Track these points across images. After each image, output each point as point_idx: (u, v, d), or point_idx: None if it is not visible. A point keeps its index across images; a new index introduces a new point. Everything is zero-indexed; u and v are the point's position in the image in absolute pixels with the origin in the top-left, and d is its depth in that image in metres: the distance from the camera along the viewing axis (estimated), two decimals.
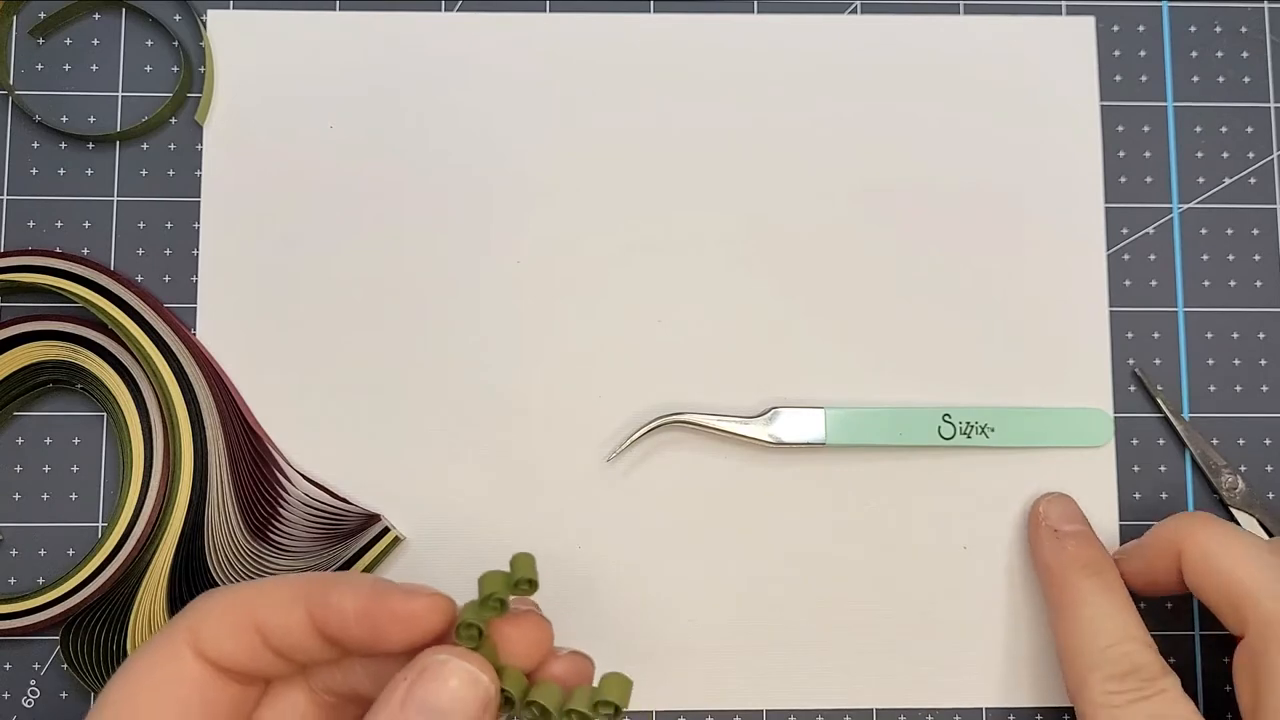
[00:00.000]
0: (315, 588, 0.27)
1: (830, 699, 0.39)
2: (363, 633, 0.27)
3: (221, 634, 0.27)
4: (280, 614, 0.27)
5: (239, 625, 0.27)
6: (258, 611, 0.27)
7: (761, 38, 0.41)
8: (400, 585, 0.27)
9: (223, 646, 0.27)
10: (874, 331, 0.40)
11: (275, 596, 0.27)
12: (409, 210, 0.40)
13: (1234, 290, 0.41)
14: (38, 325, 0.39)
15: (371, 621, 0.26)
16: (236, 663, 0.27)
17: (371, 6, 0.41)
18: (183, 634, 0.27)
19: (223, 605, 0.28)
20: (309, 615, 0.27)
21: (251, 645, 0.27)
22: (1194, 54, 0.42)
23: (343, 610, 0.27)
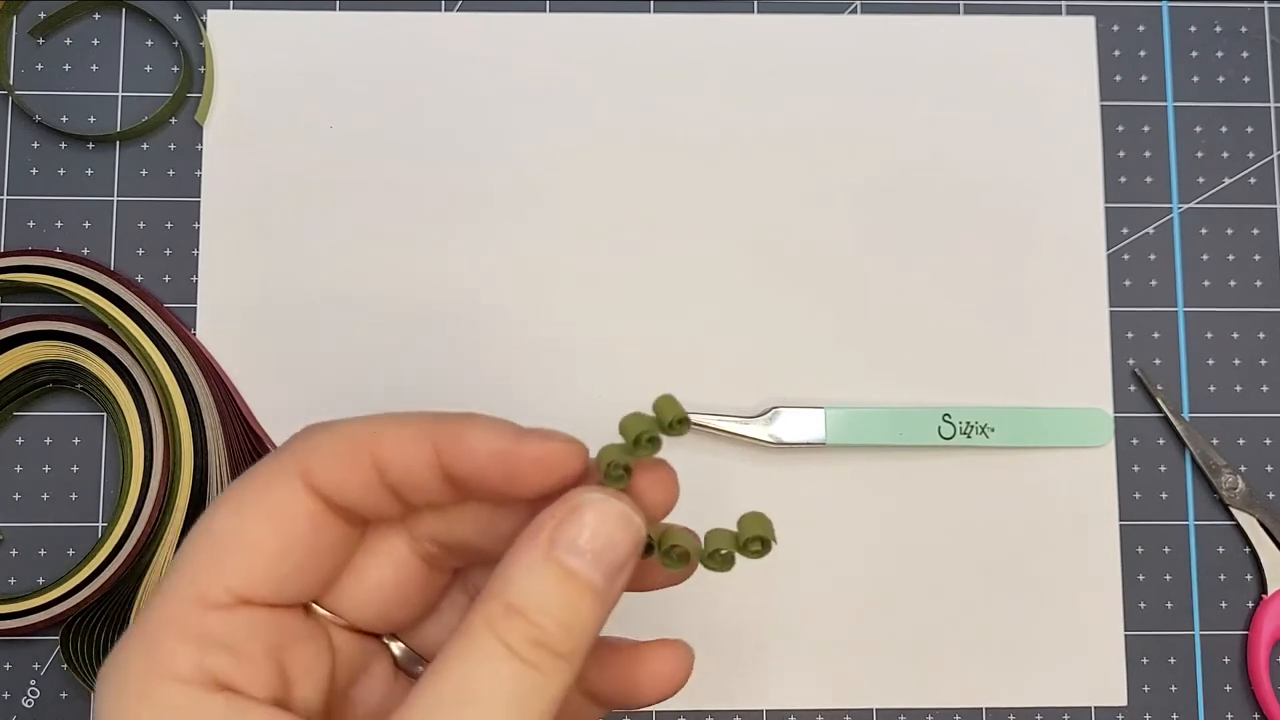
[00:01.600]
0: (445, 426, 0.25)
1: (830, 699, 0.39)
2: (497, 475, 0.25)
3: (336, 466, 0.25)
4: (403, 450, 0.25)
5: (356, 459, 0.25)
6: (378, 446, 0.25)
7: (761, 38, 0.41)
8: (534, 429, 0.25)
9: (337, 479, 0.25)
10: (874, 331, 0.40)
11: (398, 432, 0.25)
12: (409, 210, 0.40)
13: (1234, 290, 0.41)
14: (38, 325, 0.39)
15: (508, 463, 0.25)
16: (349, 498, 0.25)
17: (371, 6, 0.41)
18: (293, 463, 0.25)
19: (338, 437, 0.25)
20: (436, 454, 0.25)
21: (367, 480, 0.25)
22: (1194, 54, 0.42)
23: (476, 450, 0.25)
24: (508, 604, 0.23)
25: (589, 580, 0.23)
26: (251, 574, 0.24)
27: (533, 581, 0.23)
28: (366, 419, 0.26)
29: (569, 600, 0.23)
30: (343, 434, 0.25)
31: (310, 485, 0.25)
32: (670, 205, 0.41)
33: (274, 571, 0.24)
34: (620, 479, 0.25)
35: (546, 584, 0.23)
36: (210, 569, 0.24)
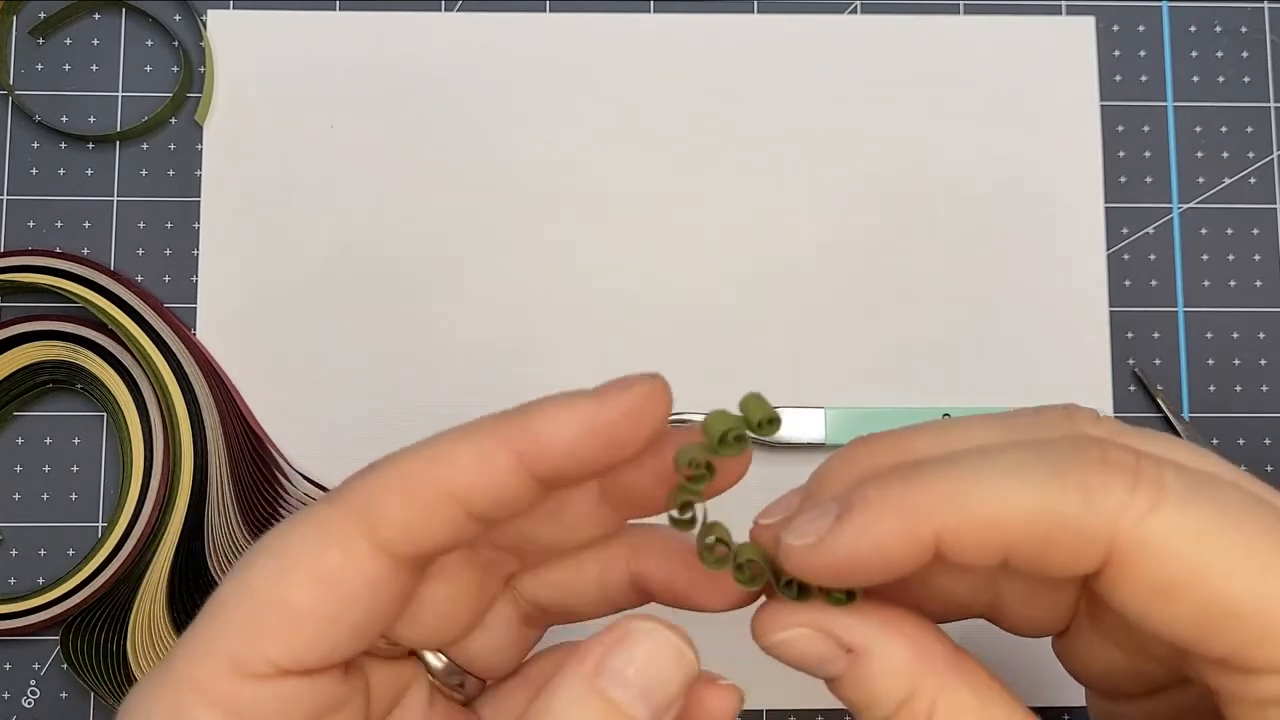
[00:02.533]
0: (514, 428, 0.22)
1: (830, 699, 0.39)
2: (593, 450, 0.22)
3: (409, 515, 0.22)
4: (483, 472, 0.22)
5: (434, 501, 0.22)
6: (455, 475, 0.22)
7: (761, 38, 0.41)
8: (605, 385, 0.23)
9: (411, 529, 0.22)
10: (874, 331, 0.40)
11: (468, 454, 0.22)
12: (409, 210, 0.40)
13: (1234, 290, 0.41)
14: (38, 325, 0.39)
15: (603, 432, 0.22)
16: (424, 544, 0.22)
17: (371, 6, 0.41)
18: (354, 517, 0.22)
19: (405, 482, 0.22)
20: (519, 459, 0.22)
21: (452, 519, 0.22)
22: (1194, 54, 0.42)
23: (562, 435, 0.22)
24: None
25: (635, 717, 0.22)
26: (296, 643, 0.21)
27: (575, 715, 0.21)
28: (431, 446, 0.23)
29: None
30: (412, 472, 0.22)
31: (376, 541, 0.22)
32: (669, 205, 0.41)
33: (322, 639, 0.22)
34: (702, 479, 0.23)
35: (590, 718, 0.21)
36: (248, 634, 0.21)
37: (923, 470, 0.22)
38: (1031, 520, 0.21)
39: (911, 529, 0.21)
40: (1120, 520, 0.20)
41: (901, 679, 0.22)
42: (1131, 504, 0.20)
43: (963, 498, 0.21)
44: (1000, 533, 0.21)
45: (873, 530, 0.21)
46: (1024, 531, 0.21)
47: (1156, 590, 0.20)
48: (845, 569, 0.22)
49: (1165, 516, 0.20)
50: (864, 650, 0.22)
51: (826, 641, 0.23)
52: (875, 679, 0.22)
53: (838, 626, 0.23)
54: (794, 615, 0.23)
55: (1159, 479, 0.21)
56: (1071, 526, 0.20)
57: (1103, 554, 0.21)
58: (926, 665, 0.22)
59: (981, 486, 0.21)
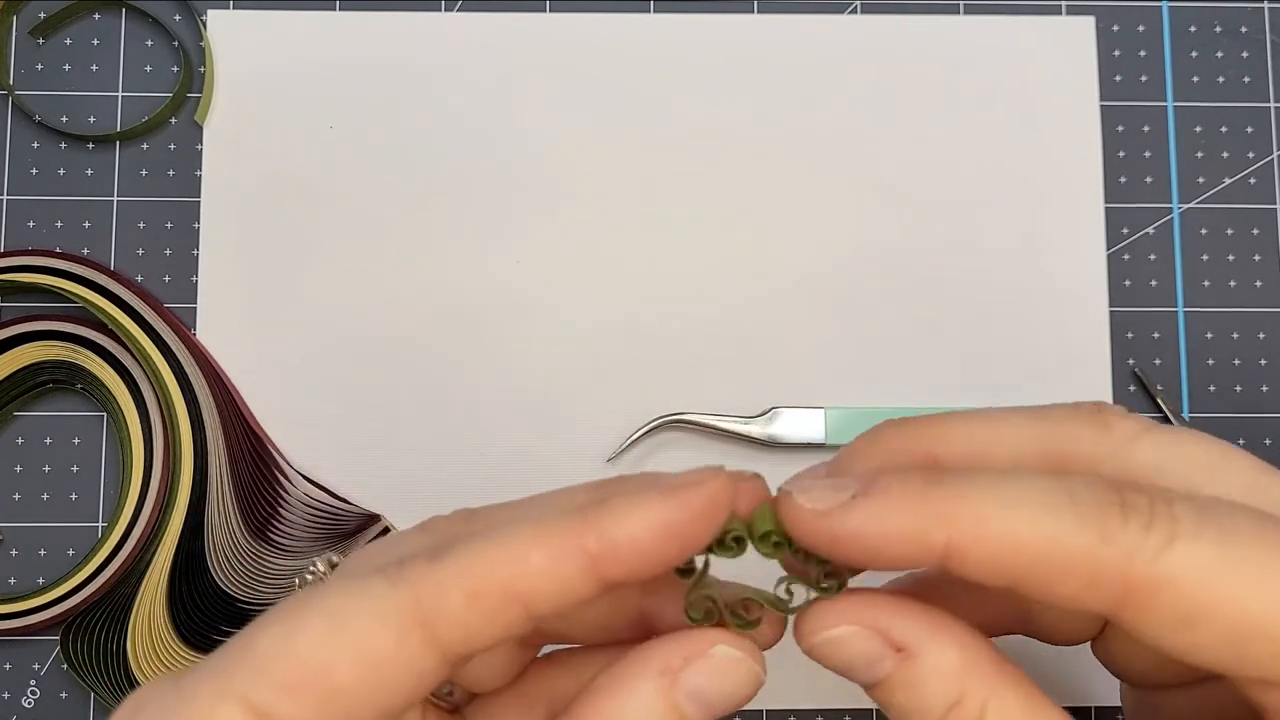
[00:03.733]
0: (586, 530, 0.21)
1: (830, 699, 0.39)
2: (663, 554, 0.22)
3: (474, 620, 0.21)
4: (554, 577, 0.21)
5: (500, 605, 0.21)
6: (523, 583, 0.21)
7: (761, 38, 0.41)
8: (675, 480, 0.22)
9: (472, 632, 0.21)
10: (874, 331, 0.40)
11: (541, 559, 0.21)
12: (409, 210, 0.40)
13: (1234, 290, 0.41)
14: (38, 325, 0.39)
15: (676, 536, 0.22)
16: (484, 643, 0.22)
17: (371, 6, 0.41)
18: (413, 614, 0.21)
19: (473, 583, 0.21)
20: (590, 563, 0.21)
21: (513, 622, 0.21)
22: (1194, 54, 0.42)
23: (636, 541, 0.21)
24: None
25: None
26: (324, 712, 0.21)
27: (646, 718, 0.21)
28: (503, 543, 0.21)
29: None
30: (482, 574, 0.21)
31: (431, 637, 0.21)
32: (669, 205, 0.41)
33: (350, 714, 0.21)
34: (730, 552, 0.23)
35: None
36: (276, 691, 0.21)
37: (946, 479, 0.22)
38: (1046, 550, 0.21)
39: (923, 531, 0.21)
40: (1135, 558, 0.20)
41: (952, 681, 0.22)
42: (1146, 543, 0.20)
43: (982, 515, 0.21)
44: (1012, 557, 0.21)
45: (885, 519, 0.21)
46: (1036, 560, 0.21)
47: (1180, 622, 0.21)
48: (845, 544, 0.22)
49: (1180, 551, 0.20)
50: (915, 650, 0.22)
51: (876, 640, 0.22)
52: (925, 681, 0.22)
53: (891, 625, 0.22)
54: (845, 613, 0.23)
55: (1171, 514, 0.21)
56: (1086, 561, 0.21)
57: (1117, 592, 0.21)
58: (976, 668, 0.22)
59: (1001, 508, 0.21)
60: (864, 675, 0.23)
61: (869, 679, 0.23)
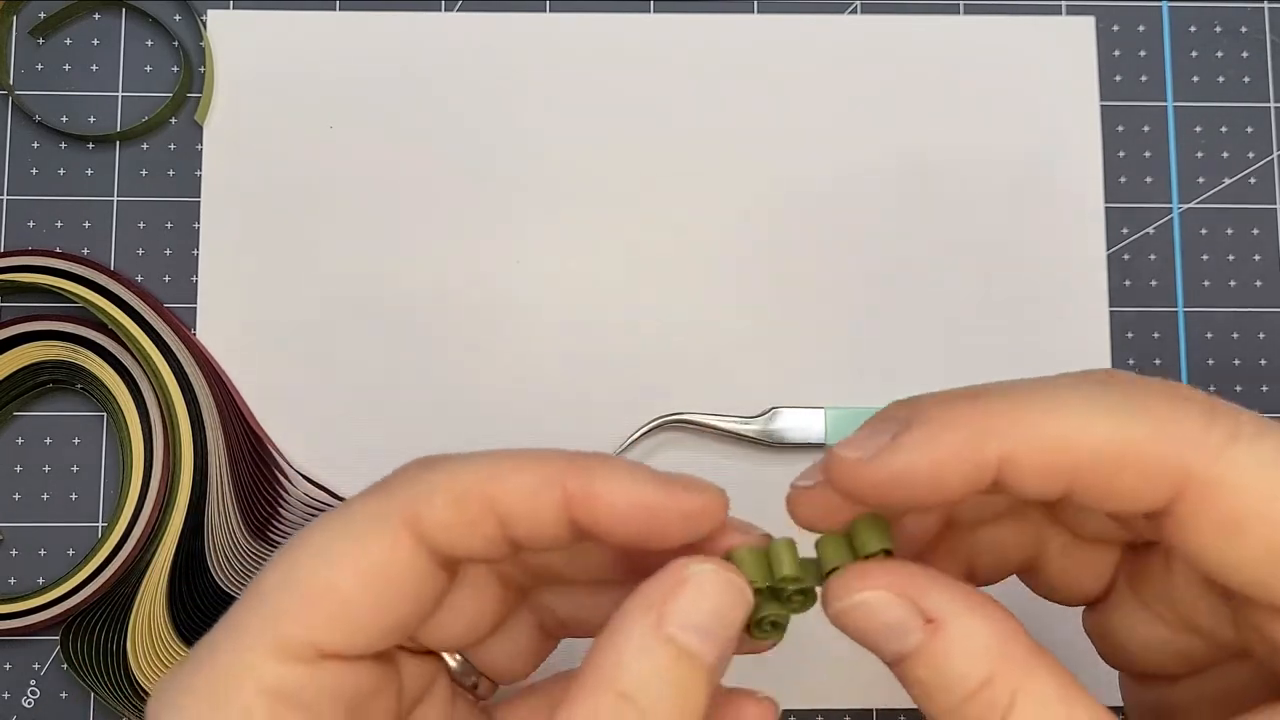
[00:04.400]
0: (578, 471, 0.22)
1: (830, 699, 0.39)
2: (634, 528, 0.22)
3: (453, 521, 0.22)
4: (531, 501, 0.22)
5: (477, 510, 0.22)
6: (502, 495, 0.22)
7: (761, 38, 0.41)
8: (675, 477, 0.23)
9: (452, 535, 0.22)
10: (874, 331, 0.40)
11: (526, 478, 0.22)
12: (409, 210, 0.40)
13: (1234, 290, 0.41)
14: (38, 325, 0.39)
15: (652, 518, 0.22)
16: (465, 552, 0.23)
17: (371, 6, 0.41)
18: (399, 511, 0.22)
19: (454, 486, 0.22)
20: (566, 503, 0.22)
21: (488, 535, 0.22)
22: (1194, 54, 0.42)
23: (615, 503, 0.22)
24: (620, 693, 0.21)
25: (702, 659, 0.21)
26: (340, 630, 0.22)
27: (645, 664, 0.21)
28: (485, 460, 0.23)
29: (684, 683, 0.21)
30: (461, 480, 0.23)
31: (420, 537, 0.22)
32: (669, 205, 0.41)
33: (365, 627, 0.22)
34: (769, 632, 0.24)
35: (660, 665, 0.21)
36: (294, 619, 0.22)
37: (990, 391, 0.21)
38: (1102, 446, 0.20)
39: (974, 448, 0.21)
40: (1196, 451, 0.20)
41: (983, 660, 0.21)
42: (1208, 437, 0.20)
43: (1033, 419, 0.20)
44: (1068, 457, 0.20)
45: (933, 446, 0.21)
46: (1093, 458, 0.20)
47: (1228, 525, 0.20)
48: (897, 486, 0.21)
49: (1242, 449, 0.20)
50: (946, 622, 0.21)
51: (907, 608, 0.22)
52: (954, 657, 0.21)
53: (924, 593, 0.22)
54: (877, 577, 0.22)
55: (1234, 417, 0.20)
56: (1143, 454, 0.20)
57: (1172, 487, 0.20)
58: (1009, 651, 0.21)
59: (1053, 409, 0.21)
60: (891, 646, 0.22)
61: (896, 650, 0.22)
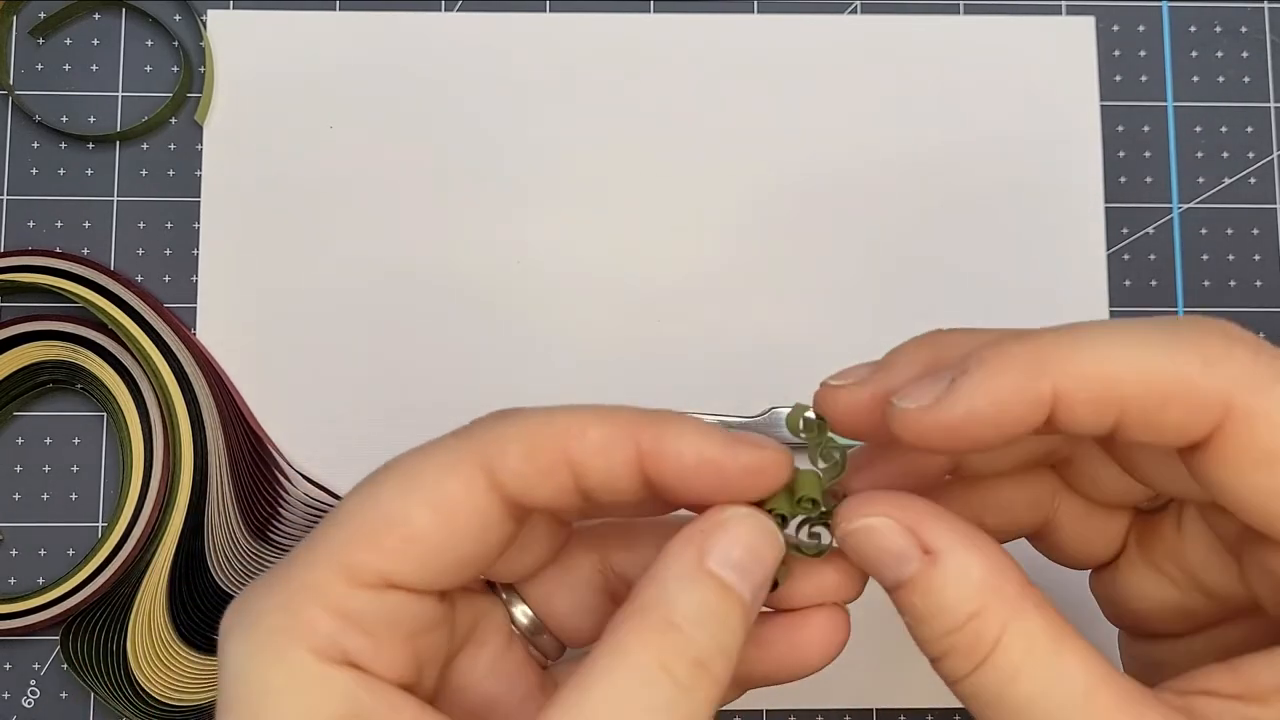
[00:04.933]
0: (650, 426, 0.23)
1: (830, 699, 0.39)
2: (703, 483, 0.23)
3: (528, 470, 0.23)
4: (606, 453, 0.23)
5: (552, 460, 0.23)
6: (578, 447, 0.23)
7: (761, 38, 0.41)
8: (742, 434, 0.24)
9: (527, 481, 0.23)
10: (874, 331, 0.40)
11: (598, 433, 0.23)
12: (409, 210, 0.40)
13: (1234, 290, 0.41)
14: (38, 325, 0.39)
15: (719, 472, 0.23)
16: (535, 499, 0.23)
17: (371, 6, 0.41)
18: (478, 455, 0.23)
19: (531, 436, 0.23)
20: (639, 457, 0.23)
21: (561, 486, 0.23)
22: (1194, 54, 0.42)
23: (685, 456, 0.23)
24: (665, 619, 0.22)
25: (739, 593, 0.23)
26: (408, 562, 0.23)
27: (689, 594, 0.22)
28: (562, 412, 0.24)
29: (722, 613, 0.22)
30: (539, 430, 0.23)
31: (494, 483, 0.23)
32: (669, 204, 0.41)
33: (432, 563, 0.23)
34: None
35: (703, 597, 0.22)
36: (366, 546, 0.23)
37: (1039, 331, 0.22)
38: (1150, 379, 0.21)
39: (1030, 384, 0.21)
40: (1239, 386, 0.21)
41: (974, 592, 0.22)
42: (1253, 373, 0.21)
43: (1083, 354, 0.21)
44: (1118, 389, 0.21)
45: (993, 386, 0.22)
46: (1141, 390, 0.21)
47: (1263, 459, 0.21)
48: (961, 429, 0.22)
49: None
50: (943, 554, 0.22)
51: (907, 536, 0.23)
52: (948, 587, 0.22)
53: (923, 524, 0.23)
54: (882, 504, 0.23)
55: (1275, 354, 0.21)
56: (1190, 387, 0.21)
57: (1215, 419, 0.21)
58: (1001, 587, 0.22)
59: (1101, 345, 0.22)
60: (890, 572, 0.23)
61: (894, 577, 0.23)
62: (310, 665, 0.22)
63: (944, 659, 0.23)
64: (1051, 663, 0.22)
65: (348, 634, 0.22)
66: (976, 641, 0.22)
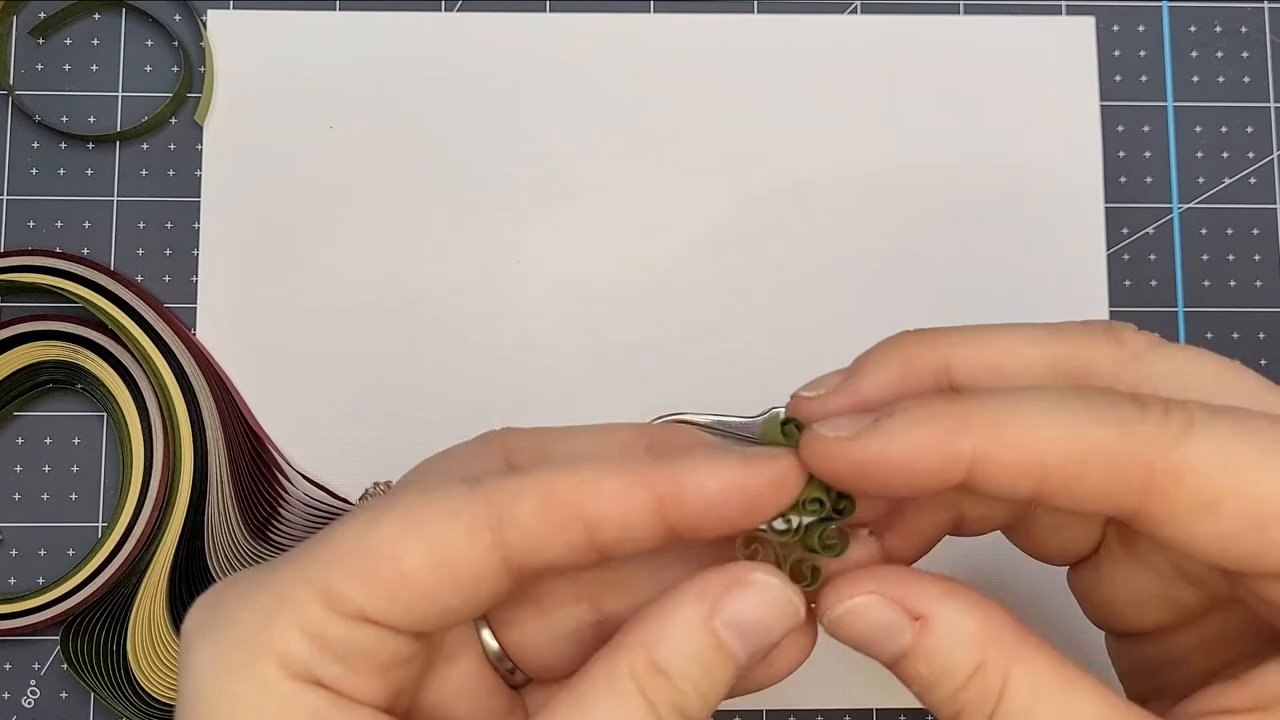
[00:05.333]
0: (659, 472, 0.22)
1: (830, 699, 0.39)
2: (730, 511, 0.22)
3: (541, 527, 0.22)
4: (622, 505, 0.22)
5: (566, 520, 0.22)
6: (592, 504, 0.22)
7: (761, 38, 0.41)
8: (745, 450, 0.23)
9: (538, 542, 0.22)
10: (874, 331, 0.40)
11: (613, 485, 0.22)
12: (409, 210, 0.40)
13: (1234, 290, 0.41)
14: (38, 325, 0.39)
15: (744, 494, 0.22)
16: (543, 561, 0.23)
17: (371, 6, 0.41)
18: (485, 513, 0.22)
19: (544, 490, 0.22)
20: (658, 502, 0.22)
21: (573, 543, 0.22)
22: (1194, 54, 0.42)
23: (706, 489, 0.22)
24: (655, 662, 0.22)
25: (736, 657, 0.23)
26: (392, 603, 0.22)
27: (686, 644, 0.22)
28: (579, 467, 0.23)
29: (714, 672, 0.23)
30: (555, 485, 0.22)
31: (499, 539, 0.22)
32: (669, 205, 0.41)
33: (416, 608, 0.22)
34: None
35: (698, 650, 0.22)
36: (351, 577, 0.22)
37: (966, 395, 0.22)
38: (1069, 447, 0.21)
39: (948, 442, 0.22)
40: (1156, 445, 0.21)
41: (972, 647, 0.22)
42: (1166, 431, 0.21)
43: (1004, 420, 0.21)
44: (1036, 458, 0.21)
45: (910, 435, 0.22)
46: (1061, 459, 0.21)
47: (1203, 508, 0.21)
48: (870, 470, 0.22)
49: (1199, 437, 0.21)
50: (933, 616, 0.23)
51: (895, 608, 0.23)
52: (945, 649, 0.22)
53: (907, 591, 0.23)
54: (861, 582, 0.23)
55: (1187, 409, 0.21)
56: (1108, 453, 0.21)
57: (1139, 483, 0.21)
58: (995, 635, 0.22)
59: (1022, 413, 0.22)
60: (887, 648, 0.23)
61: (892, 652, 0.23)
62: (280, 681, 0.22)
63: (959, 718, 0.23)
64: (1061, 702, 0.22)
65: (320, 658, 0.22)
66: (985, 692, 0.22)
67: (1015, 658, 0.22)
